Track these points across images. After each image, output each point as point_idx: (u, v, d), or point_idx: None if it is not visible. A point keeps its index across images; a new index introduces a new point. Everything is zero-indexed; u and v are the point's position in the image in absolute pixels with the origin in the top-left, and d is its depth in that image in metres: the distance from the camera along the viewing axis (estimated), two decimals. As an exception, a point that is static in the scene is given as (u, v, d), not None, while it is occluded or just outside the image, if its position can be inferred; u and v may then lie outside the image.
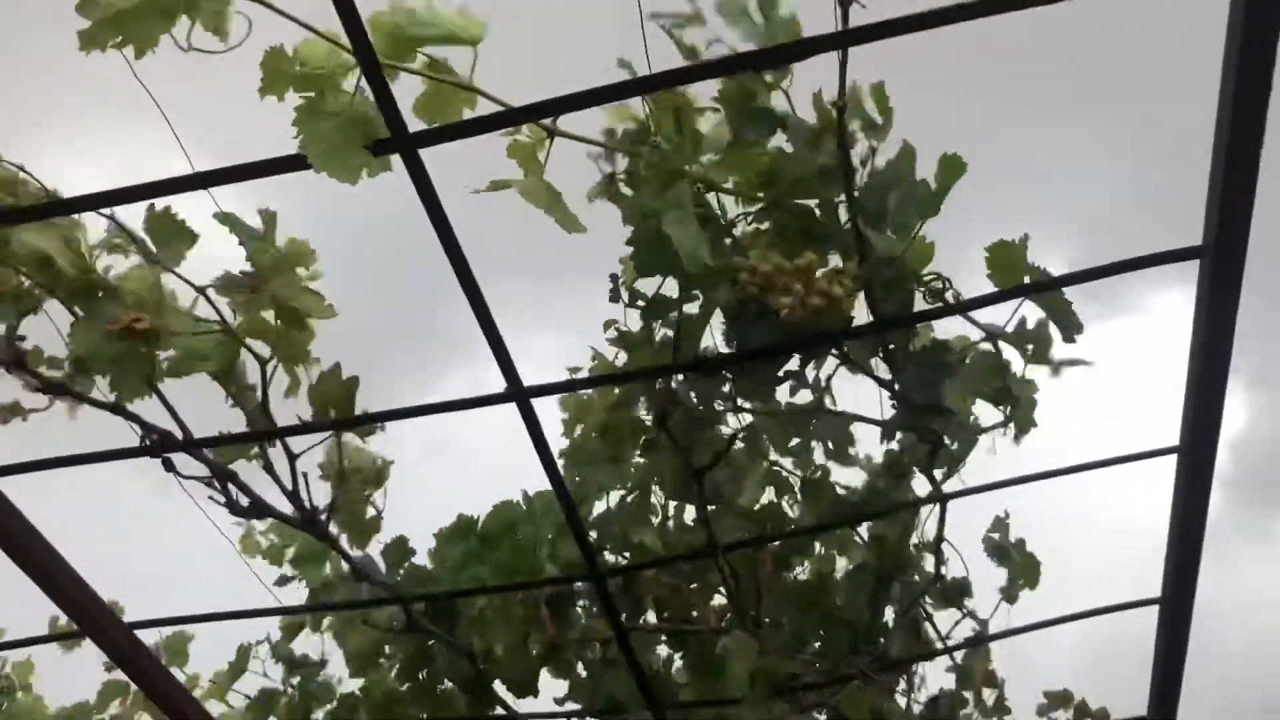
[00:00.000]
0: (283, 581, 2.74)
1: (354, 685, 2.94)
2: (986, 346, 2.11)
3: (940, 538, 2.44)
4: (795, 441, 2.32)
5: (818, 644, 2.60)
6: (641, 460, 2.45)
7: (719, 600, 2.66)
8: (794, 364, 2.08)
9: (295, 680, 3.05)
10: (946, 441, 2.22)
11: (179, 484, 2.22)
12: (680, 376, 2.15)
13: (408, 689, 2.82)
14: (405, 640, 2.66)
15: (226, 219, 2.00)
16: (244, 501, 2.28)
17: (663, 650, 2.78)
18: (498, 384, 2.02)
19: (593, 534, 2.53)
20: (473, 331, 1.93)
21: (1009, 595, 2.62)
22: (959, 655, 2.64)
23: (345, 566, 2.60)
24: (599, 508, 2.58)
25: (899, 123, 1.86)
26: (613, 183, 1.76)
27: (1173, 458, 2.19)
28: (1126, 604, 2.52)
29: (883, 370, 2.11)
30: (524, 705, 2.75)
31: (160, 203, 1.99)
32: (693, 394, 2.15)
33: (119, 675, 2.95)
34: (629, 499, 2.53)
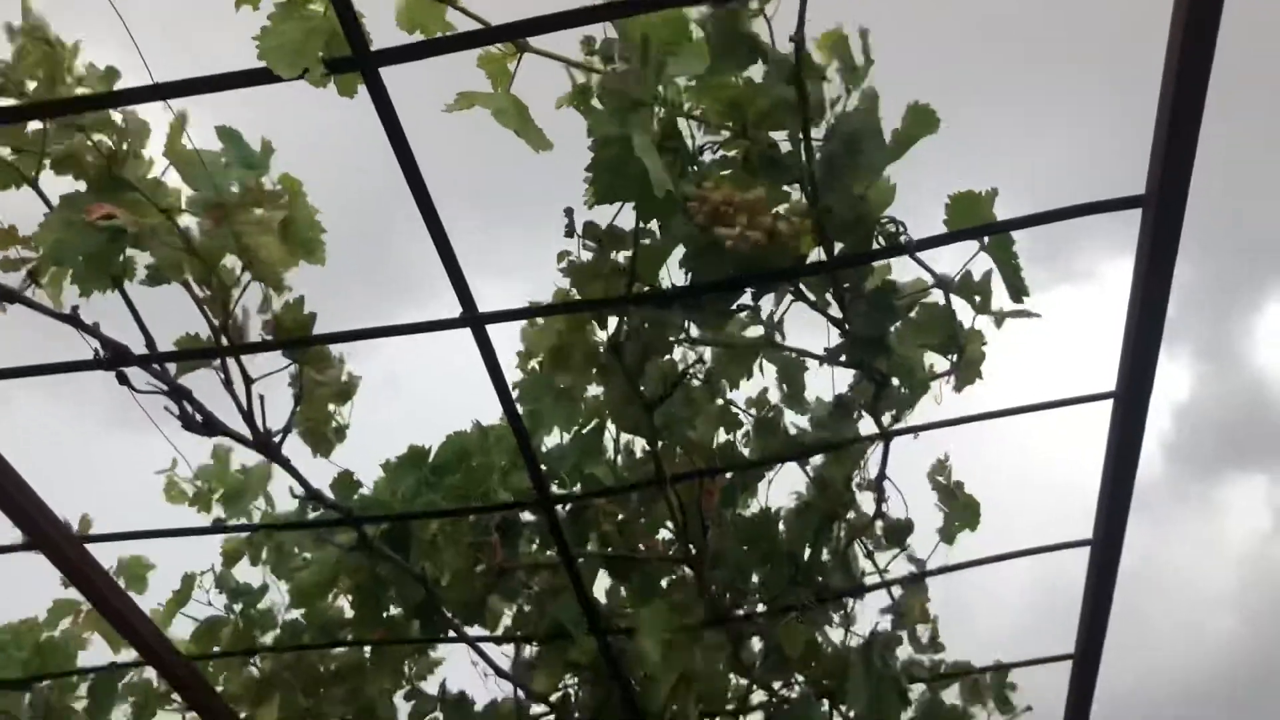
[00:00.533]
0: (219, 526, 2.76)
1: (297, 613, 2.97)
2: (937, 295, 2.16)
3: (882, 476, 2.50)
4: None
5: (758, 577, 2.67)
6: (595, 394, 2.48)
7: (665, 534, 2.72)
8: (747, 298, 2.12)
9: (238, 608, 3.07)
10: (892, 381, 2.28)
11: (133, 399, 2.22)
12: (634, 307, 2.18)
13: (354, 615, 2.85)
14: (358, 564, 2.68)
15: (226, 134, 2.01)
16: (198, 419, 2.29)
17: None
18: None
19: (545, 467, 2.56)
20: (425, 268, 1.94)
21: (947, 536, 2.70)
22: (896, 592, 2.71)
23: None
24: (551, 441, 2.62)
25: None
26: (585, 92, 1.77)
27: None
28: (1058, 545, 2.61)
29: (836, 310, 2.16)
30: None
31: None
32: (646, 324, 2.18)
33: (71, 593, 2.95)
34: (583, 432, 2.56)
